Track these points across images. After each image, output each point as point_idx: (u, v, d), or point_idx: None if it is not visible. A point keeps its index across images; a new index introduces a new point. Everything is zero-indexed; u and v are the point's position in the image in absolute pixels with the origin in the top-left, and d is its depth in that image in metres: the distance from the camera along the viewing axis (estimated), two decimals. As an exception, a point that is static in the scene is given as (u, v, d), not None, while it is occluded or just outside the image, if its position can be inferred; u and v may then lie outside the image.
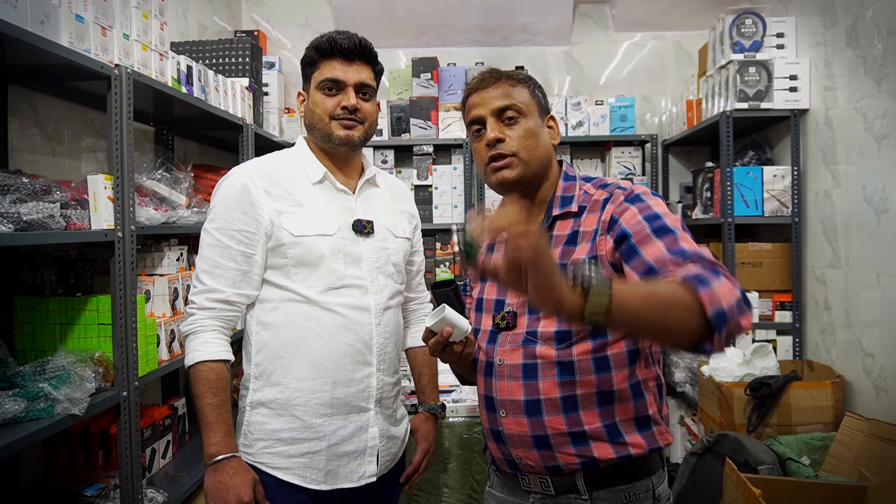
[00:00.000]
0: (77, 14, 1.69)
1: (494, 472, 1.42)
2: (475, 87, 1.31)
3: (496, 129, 1.27)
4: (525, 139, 1.27)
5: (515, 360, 1.26)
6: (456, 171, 3.60)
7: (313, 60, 1.53)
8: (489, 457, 1.39)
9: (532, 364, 1.24)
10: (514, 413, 1.26)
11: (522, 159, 1.26)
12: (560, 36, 3.91)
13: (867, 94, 2.47)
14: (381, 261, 1.54)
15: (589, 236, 1.23)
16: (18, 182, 1.51)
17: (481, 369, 1.33)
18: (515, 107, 1.28)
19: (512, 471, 1.32)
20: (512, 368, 1.26)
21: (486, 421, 1.33)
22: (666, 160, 3.84)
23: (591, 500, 1.22)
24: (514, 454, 1.28)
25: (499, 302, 1.33)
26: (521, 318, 1.27)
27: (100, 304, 1.75)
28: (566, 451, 1.22)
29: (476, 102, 1.30)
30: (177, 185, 2.24)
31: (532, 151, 1.27)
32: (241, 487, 1.37)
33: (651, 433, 1.24)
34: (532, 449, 1.24)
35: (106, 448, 2.04)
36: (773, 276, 3.04)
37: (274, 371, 1.48)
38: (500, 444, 1.30)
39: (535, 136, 1.28)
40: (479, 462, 2.55)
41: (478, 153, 1.32)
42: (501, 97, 1.28)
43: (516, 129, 1.27)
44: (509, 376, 1.26)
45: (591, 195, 1.29)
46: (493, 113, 1.28)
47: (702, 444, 2.50)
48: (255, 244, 1.46)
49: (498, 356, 1.29)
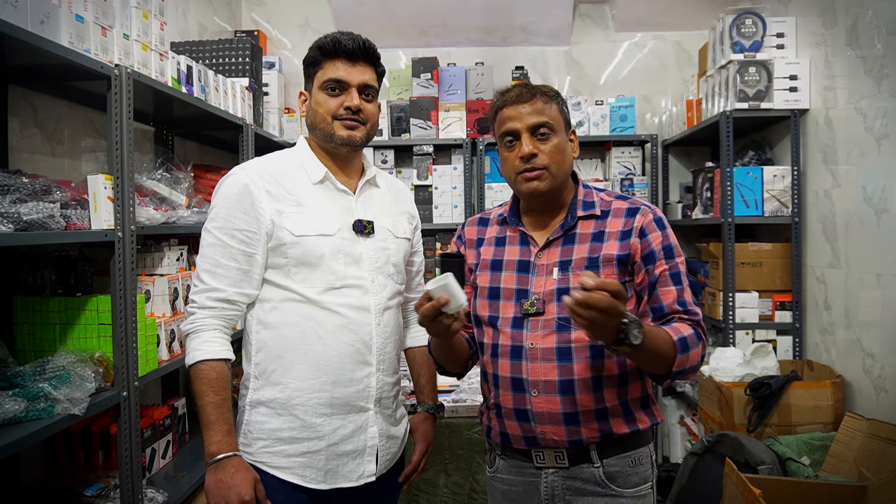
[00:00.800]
0: (77, 14, 1.69)
1: (500, 455, 1.50)
2: (512, 101, 1.42)
3: (531, 145, 1.40)
4: (555, 154, 1.41)
5: (549, 344, 1.38)
6: (456, 171, 3.60)
7: (317, 60, 1.52)
8: (496, 438, 1.48)
9: (566, 347, 1.37)
10: (546, 392, 1.37)
11: (552, 173, 1.40)
12: (560, 36, 3.91)
13: (867, 94, 2.47)
14: (381, 261, 1.54)
15: (616, 236, 1.41)
16: (18, 182, 1.51)
17: (504, 353, 1.42)
18: (548, 124, 1.40)
19: (528, 447, 1.43)
20: (545, 351, 1.38)
21: (510, 401, 1.42)
22: (666, 160, 3.84)
23: (603, 466, 1.40)
24: (539, 430, 1.39)
25: (521, 291, 1.43)
26: (549, 304, 1.39)
27: (100, 304, 1.75)
28: (590, 426, 1.38)
29: (512, 116, 1.42)
30: (177, 185, 2.24)
31: (560, 165, 1.42)
32: (242, 486, 1.37)
33: (651, 411, 1.45)
34: (560, 425, 1.38)
35: (106, 448, 2.04)
36: (773, 276, 3.04)
37: (274, 371, 1.48)
38: (524, 421, 1.41)
39: (563, 151, 1.42)
40: (479, 462, 2.55)
41: (508, 162, 1.44)
42: (536, 114, 1.40)
43: (548, 145, 1.40)
44: (542, 358, 1.38)
45: (610, 202, 1.47)
46: (528, 129, 1.40)
47: (702, 444, 2.51)
48: (255, 243, 1.46)
49: (529, 340, 1.39)
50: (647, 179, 3.62)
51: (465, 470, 2.56)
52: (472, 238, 1.56)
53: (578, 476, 1.40)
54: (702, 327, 1.36)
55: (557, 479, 1.41)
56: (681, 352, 1.29)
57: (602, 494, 1.39)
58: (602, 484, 1.39)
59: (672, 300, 1.37)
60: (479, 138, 3.58)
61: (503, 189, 3.54)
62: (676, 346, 1.29)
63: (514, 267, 1.46)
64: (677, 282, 1.39)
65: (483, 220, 1.58)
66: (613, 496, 1.39)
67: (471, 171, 3.59)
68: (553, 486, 1.41)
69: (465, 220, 1.61)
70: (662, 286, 1.38)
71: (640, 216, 1.42)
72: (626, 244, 1.39)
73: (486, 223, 1.57)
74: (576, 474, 1.40)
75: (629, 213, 1.43)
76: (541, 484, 1.42)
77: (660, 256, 1.39)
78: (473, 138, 3.60)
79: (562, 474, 1.41)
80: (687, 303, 1.38)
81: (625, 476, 1.40)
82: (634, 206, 1.44)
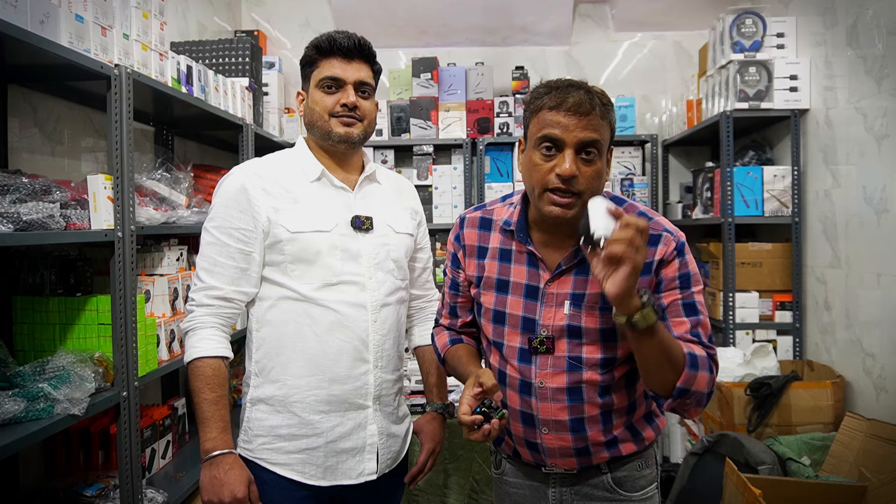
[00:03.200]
0: (77, 14, 1.69)
1: (506, 459, 1.48)
2: (569, 108, 1.22)
3: (574, 165, 1.22)
4: (594, 180, 1.25)
5: (559, 384, 1.33)
6: (456, 171, 3.60)
7: (313, 59, 1.53)
8: (507, 451, 1.46)
9: (577, 387, 1.33)
10: (557, 431, 1.35)
11: (584, 200, 1.23)
12: (560, 36, 3.91)
13: (867, 94, 2.47)
14: (380, 257, 1.54)
15: None
16: (18, 182, 1.51)
17: (513, 385, 1.37)
18: (598, 144, 1.23)
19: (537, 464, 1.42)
20: (555, 392, 1.33)
21: (521, 432, 1.39)
22: (666, 160, 3.84)
23: (611, 473, 1.39)
24: (550, 462, 1.39)
25: (528, 320, 1.34)
26: (559, 342, 1.32)
27: (100, 304, 1.76)
28: (601, 455, 1.37)
29: (561, 123, 1.22)
30: (177, 185, 2.24)
31: (594, 192, 1.25)
32: (236, 483, 1.38)
33: (656, 424, 1.44)
34: (571, 457, 1.37)
35: (106, 448, 2.04)
36: (773, 276, 3.04)
37: (273, 368, 1.49)
38: (534, 451, 1.39)
39: (601, 177, 1.27)
40: (480, 462, 2.54)
41: (538, 170, 1.25)
42: (590, 130, 1.22)
43: (590, 169, 1.24)
44: (552, 398, 1.33)
45: None
46: (575, 145, 1.22)
47: (702, 444, 2.50)
48: (253, 242, 1.46)
49: (538, 379, 1.34)
50: (647, 179, 3.62)
51: (465, 470, 2.56)
52: (472, 244, 1.43)
53: (587, 482, 1.40)
54: (715, 362, 1.25)
55: (566, 485, 1.41)
56: (689, 367, 1.20)
57: (610, 500, 1.39)
58: (610, 489, 1.39)
59: (685, 331, 1.26)
60: (479, 138, 3.58)
61: (503, 189, 3.54)
62: (686, 359, 1.20)
63: (521, 292, 1.35)
64: (691, 312, 1.27)
65: (485, 223, 1.42)
66: (622, 501, 1.39)
67: (471, 171, 3.59)
68: (561, 492, 1.41)
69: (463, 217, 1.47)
70: (674, 316, 1.28)
71: (662, 246, 1.28)
72: (646, 280, 1.27)
73: (488, 227, 1.42)
74: (584, 481, 1.40)
75: (651, 241, 1.27)
76: (548, 489, 1.42)
77: (674, 285, 1.28)
78: (473, 138, 3.60)
79: (570, 481, 1.41)
80: (701, 335, 1.27)
81: (633, 480, 1.40)
82: (656, 232, 1.29)
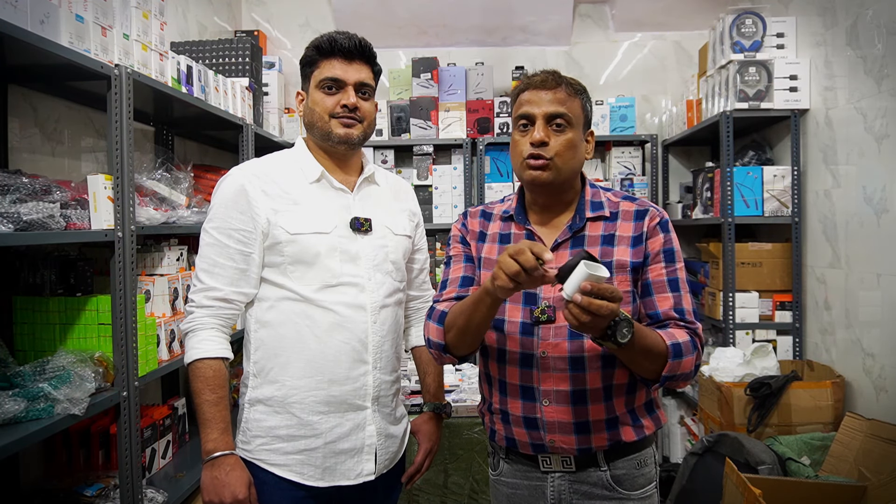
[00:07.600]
0: (77, 14, 1.69)
1: (504, 459, 1.47)
2: (536, 85, 1.37)
3: (543, 132, 1.34)
4: (565, 149, 1.35)
5: (561, 353, 1.35)
6: (456, 171, 3.60)
7: (313, 60, 1.53)
8: (501, 443, 1.44)
9: (579, 357, 1.34)
10: (558, 402, 1.35)
11: (557, 166, 1.35)
12: (560, 36, 3.91)
13: (867, 94, 2.47)
14: (379, 258, 1.54)
15: (627, 241, 1.38)
16: (18, 182, 1.51)
17: (513, 360, 1.38)
18: (566, 116, 1.35)
19: (535, 452, 1.40)
20: (557, 361, 1.35)
21: (519, 409, 1.39)
22: (666, 160, 3.84)
23: (610, 470, 1.39)
24: (549, 438, 1.37)
25: (529, 295, 1.38)
26: (560, 311, 1.34)
27: (100, 304, 1.76)
28: (601, 435, 1.36)
29: (531, 100, 1.37)
30: (177, 185, 2.24)
31: (567, 162, 1.36)
32: (237, 485, 1.38)
33: (656, 416, 1.45)
34: (571, 434, 1.36)
35: (106, 448, 2.04)
36: (773, 276, 3.04)
37: (271, 369, 1.48)
38: (533, 429, 1.38)
39: (574, 148, 1.36)
40: (479, 462, 2.55)
41: (517, 146, 1.38)
42: (556, 103, 1.35)
43: (560, 138, 1.35)
44: (554, 368, 1.35)
45: (617, 203, 1.43)
46: (544, 116, 1.35)
47: (702, 444, 2.50)
48: (252, 243, 1.46)
49: (540, 348, 1.35)
50: (647, 179, 3.62)
51: (465, 470, 2.56)
52: (475, 230, 1.50)
53: (585, 480, 1.39)
54: (699, 337, 1.33)
55: (564, 483, 1.39)
56: (673, 357, 1.26)
57: (609, 498, 1.39)
58: (609, 487, 1.38)
59: (669, 307, 1.34)
60: (479, 138, 3.58)
61: (503, 189, 3.54)
62: (669, 350, 1.26)
63: None
64: (675, 288, 1.35)
65: (486, 214, 1.51)
66: (621, 499, 1.39)
67: (471, 171, 3.59)
68: (560, 491, 1.40)
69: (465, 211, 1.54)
70: (659, 291, 1.35)
71: (647, 218, 1.39)
72: (638, 251, 1.36)
73: (489, 217, 1.50)
74: (583, 478, 1.39)
75: (638, 215, 1.39)
76: (547, 488, 1.41)
77: (658, 259, 1.36)
78: (473, 138, 3.60)
79: (568, 478, 1.39)
80: (685, 311, 1.35)
81: (631, 479, 1.39)
82: (642, 207, 1.41)
